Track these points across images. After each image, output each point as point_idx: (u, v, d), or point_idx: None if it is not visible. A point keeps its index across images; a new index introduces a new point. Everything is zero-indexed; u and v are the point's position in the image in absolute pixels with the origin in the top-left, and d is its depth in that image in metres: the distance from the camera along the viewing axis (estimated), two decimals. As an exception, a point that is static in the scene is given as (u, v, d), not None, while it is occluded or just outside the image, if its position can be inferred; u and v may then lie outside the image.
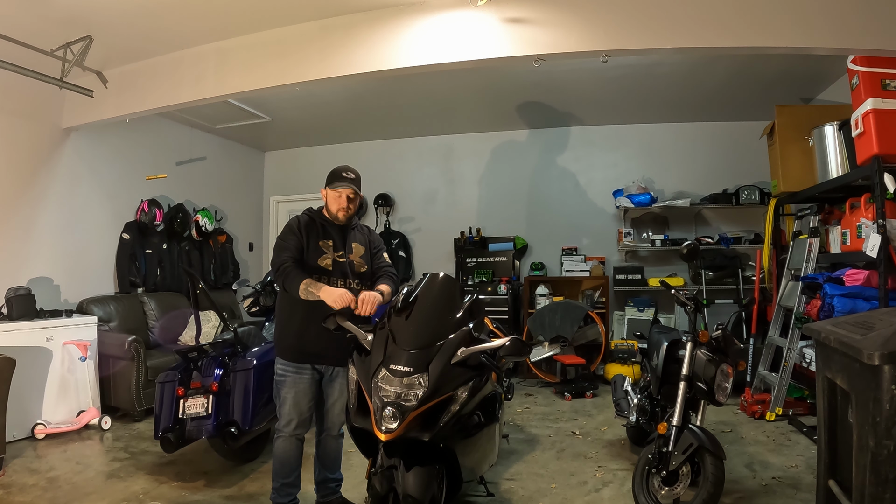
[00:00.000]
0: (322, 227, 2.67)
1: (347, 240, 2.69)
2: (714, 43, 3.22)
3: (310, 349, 2.57)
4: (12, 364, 3.43)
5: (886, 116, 3.40)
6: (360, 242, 2.74)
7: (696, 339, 2.83)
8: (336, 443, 2.76)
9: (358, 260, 2.68)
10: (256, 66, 3.98)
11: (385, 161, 7.15)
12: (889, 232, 3.34)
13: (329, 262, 2.59)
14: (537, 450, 3.74)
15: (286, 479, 2.61)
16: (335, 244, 2.64)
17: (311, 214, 2.72)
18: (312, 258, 2.57)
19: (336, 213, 2.66)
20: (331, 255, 2.61)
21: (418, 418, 1.96)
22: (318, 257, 2.58)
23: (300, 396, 2.57)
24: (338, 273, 2.60)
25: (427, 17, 3.56)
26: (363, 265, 2.70)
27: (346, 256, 2.64)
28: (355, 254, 2.68)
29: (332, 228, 2.68)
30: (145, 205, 5.52)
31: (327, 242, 2.63)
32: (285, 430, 2.59)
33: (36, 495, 3.04)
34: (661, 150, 6.36)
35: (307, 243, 2.59)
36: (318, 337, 2.49)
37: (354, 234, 2.75)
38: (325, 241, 2.62)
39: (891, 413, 1.62)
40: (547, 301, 6.00)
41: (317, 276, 2.52)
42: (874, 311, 2.27)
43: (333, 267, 2.60)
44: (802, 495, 2.91)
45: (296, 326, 2.58)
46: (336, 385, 2.65)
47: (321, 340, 2.51)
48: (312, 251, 2.59)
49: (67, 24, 3.75)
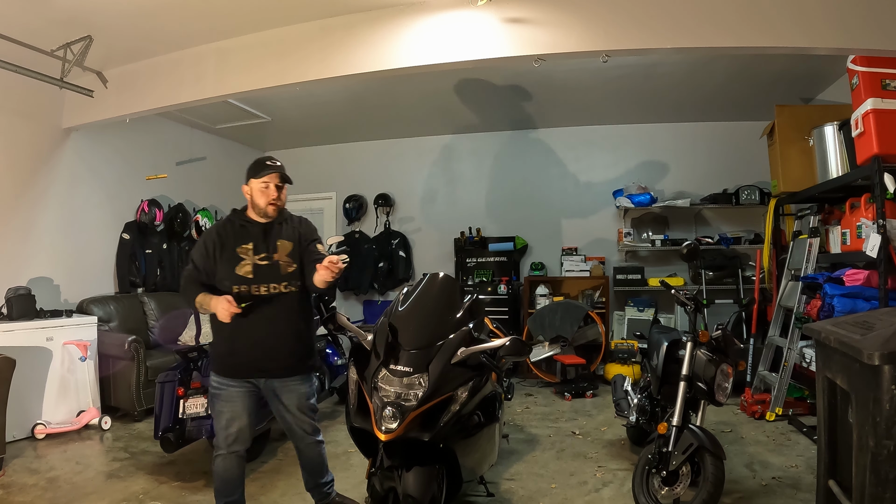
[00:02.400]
0: (241, 230, 2.43)
1: (270, 238, 2.42)
2: (714, 43, 3.23)
3: (241, 363, 2.39)
4: (12, 364, 3.43)
5: (886, 116, 3.39)
6: (287, 238, 2.46)
7: (696, 339, 2.83)
8: (314, 448, 2.59)
9: (284, 259, 2.41)
10: (256, 66, 3.98)
11: (385, 161, 7.16)
12: (889, 232, 3.34)
13: (249, 269, 2.36)
14: (537, 450, 3.74)
15: (229, 498, 2.47)
16: (256, 246, 2.39)
17: (230, 217, 2.50)
18: (229, 268, 2.35)
19: (265, 208, 2.41)
20: (250, 261, 2.37)
21: (418, 418, 1.96)
22: (236, 266, 2.35)
23: (236, 412, 2.41)
24: (261, 279, 2.36)
25: (427, 17, 3.56)
26: (291, 264, 2.42)
27: (270, 258, 2.39)
28: (281, 252, 2.42)
29: (253, 229, 2.43)
30: (145, 205, 5.52)
31: (246, 247, 2.39)
32: (223, 446, 2.42)
33: (36, 495, 3.04)
34: (661, 150, 6.36)
35: (220, 254, 2.37)
36: (248, 350, 2.36)
37: (281, 229, 2.47)
38: (243, 245, 2.39)
39: (891, 413, 1.62)
40: (547, 301, 6.00)
41: (238, 287, 2.34)
42: (874, 311, 2.27)
43: (255, 273, 2.36)
44: (802, 495, 2.91)
45: (225, 340, 2.41)
46: (281, 394, 2.46)
47: (251, 354, 2.37)
48: (228, 260, 2.36)
49: (67, 24, 3.75)
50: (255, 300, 2.33)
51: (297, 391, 2.49)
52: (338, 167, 7.31)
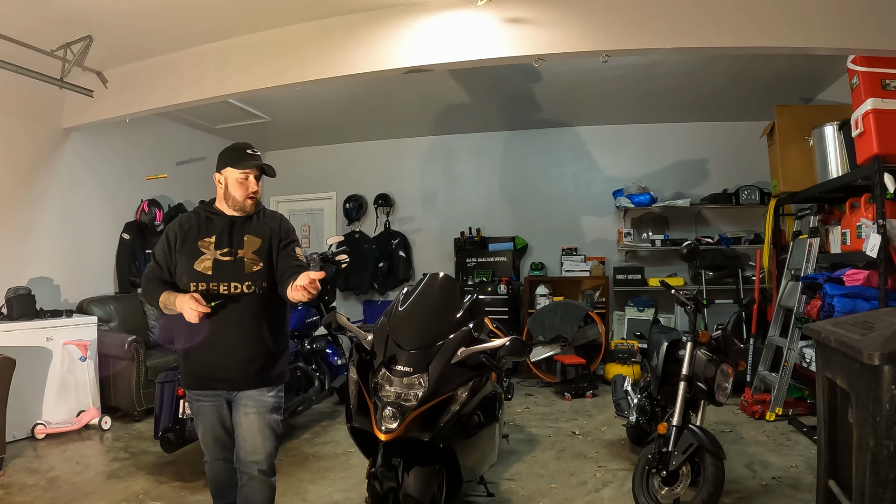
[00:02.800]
0: (206, 222, 2.21)
1: (236, 232, 2.19)
2: (714, 43, 3.22)
3: (202, 373, 2.17)
4: (12, 364, 3.43)
5: (886, 116, 3.39)
6: (256, 234, 2.21)
7: (696, 339, 2.83)
8: (261, 490, 2.19)
9: (250, 256, 2.16)
10: (256, 66, 3.98)
11: (385, 161, 7.15)
12: (889, 232, 3.34)
13: (208, 265, 2.12)
14: (537, 450, 3.74)
15: (224, 500, 2.36)
16: (218, 240, 2.16)
17: (196, 209, 2.30)
18: (188, 263, 2.13)
19: (244, 202, 2.19)
20: (211, 255, 2.14)
21: (418, 418, 1.96)
22: (195, 261, 2.13)
23: (207, 426, 2.22)
24: (220, 276, 2.12)
25: (427, 17, 3.56)
26: (257, 262, 2.16)
27: (234, 254, 2.15)
28: (247, 249, 2.17)
29: (218, 221, 2.20)
30: (145, 205, 5.52)
31: (208, 240, 2.16)
32: (206, 455, 2.30)
33: (36, 495, 3.04)
34: (661, 150, 6.36)
35: (181, 247, 2.16)
36: (203, 357, 2.14)
37: (250, 223, 2.23)
38: (205, 238, 2.17)
39: (891, 413, 1.62)
40: (547, 301, 6.00)
41: (196, 284, 2.11)
42: (874, 311, 2.27)
43: (214, 269, 2.12)
44: (802, 495, 2.91)
45: (183, 348, 2.18)
46: (241, 413, 2.17)
47: (207, 361, 2.14)
48: (188, 255, 2.15)
49: (67, 24, 3.75)
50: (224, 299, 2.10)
51: (255, 406, 2.16)
52: (338, 167, 7.30)
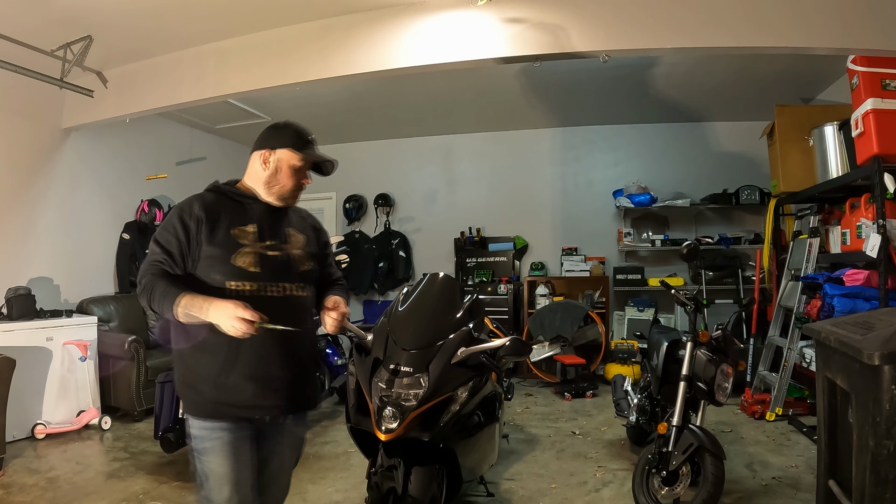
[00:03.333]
0: (238, 208, 1.74)
1: (277, 223, 1.79)
2: (714, 43, 3.22)
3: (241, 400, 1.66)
4: (12, 364, 3.43)
5: (886, 116, 3.39)
6: (298, 229, 1.86)
7: (696, 339, 2.83)
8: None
9: (298, 253, 1.80)
10: (256, 66, 3.98)
11: (385, 161, 7.15)
12: (889, 232, 3.34)
13: (251, 260, 1.67)
14: (537, 450, 3.74)
15: None
16: (260, 231, 1.72)
17: (219, 189, 1.78)
18: (224, 257, 1.66)
19: (291, 193, 1.80)
20: (252, 248, 1.69)
21: (418, 418, 1.96)
22: (233, 254, 1.66)
23: (249, 461, 1.69)
24: (269, 274, 1.70)
25: (427, 17, 3.56)
26: (306, 262, 1.82)
27: (281, 248, 1.75)
28: (293, 244, 1.80)
29: (254, 207, 1.76)
30: (145, 205, 5.51)
31: (245, 229, 1.70)
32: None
33: (36, 495, 3.04)
34: (661, 150, 6.36)
35: (211, 236, 1.66)
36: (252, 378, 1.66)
37: (290, 217, 1.86)
38: (241, 227, 1.70)
39: (891, 413, 1.62)
40: (547, 301, 5.99)
41: (237, 284, 1.65)
42: (874, 311, 2.27)
43: (262, 265, 1.69)
44: (802, 495, 2.91)
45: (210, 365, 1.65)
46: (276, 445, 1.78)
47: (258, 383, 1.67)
48: (221, 246, 1.66)
49: (67, 24, 3.75)
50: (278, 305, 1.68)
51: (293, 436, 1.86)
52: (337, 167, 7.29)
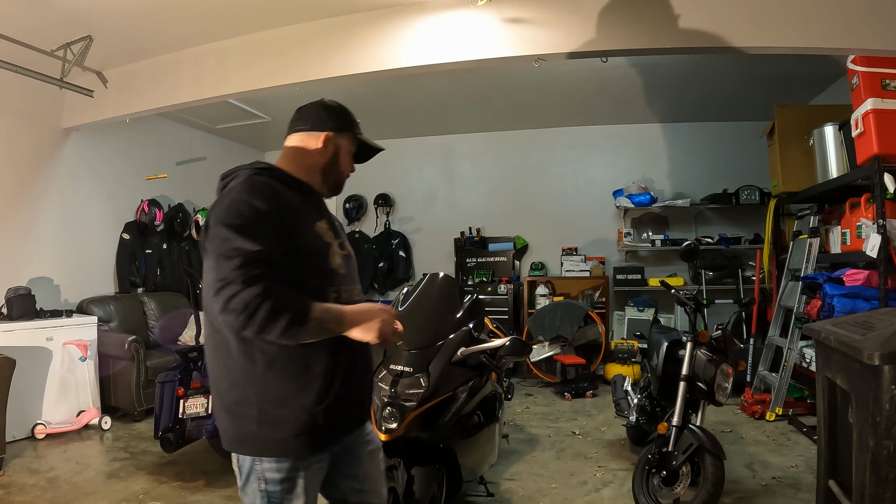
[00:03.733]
0: (303, 200, 1.49)
1: (333, 219, 1.60)
2: (714, 43, 3.22)
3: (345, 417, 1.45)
4: (12, 364, 3.43)
5: (886, 116, 3.39)
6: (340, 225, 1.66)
7: (696, 339, 2.83)
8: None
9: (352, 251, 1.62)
10: (256, 66, 3.98)
11: (385, 161, 7.01)
12: (889, 232, 3.34)
13: (340, 261, 1.49)
14: (537, 450, 3.74)
15: None
16: (331, 227, 1.53)
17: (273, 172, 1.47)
18: (322, 259, 1.43)
19: (342, 182, 1.61)
20: (335, 247, 1.49)
21: (418, 418, 1.96)
22: (327, 254, 1.45)
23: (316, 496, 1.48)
24: (349, 276, 1.52)
25: (427, 17, 3.56)
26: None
27: (345, 246, 1.56)
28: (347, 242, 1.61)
29: (314, 199, 1.54)
30: (145, 205, 5.51)
31: (321, 225, 1.48)
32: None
33: (36, 495, 3.04)
34: (661, 150, 6.36)
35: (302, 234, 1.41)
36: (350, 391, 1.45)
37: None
38: (317, 222, 1.48)
39: (891, 413, 1.62)
40: (547, 301, 5.99)
41: (338, 290, 1.45)
42: (874, 311, 2.27)
43: (346, 266, 1.51)
44: (802, 495, 2.91)
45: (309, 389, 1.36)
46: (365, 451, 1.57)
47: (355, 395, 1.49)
48: (316, 243, 1.44)
49: (67, 24, 3.75)
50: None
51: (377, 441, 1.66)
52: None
